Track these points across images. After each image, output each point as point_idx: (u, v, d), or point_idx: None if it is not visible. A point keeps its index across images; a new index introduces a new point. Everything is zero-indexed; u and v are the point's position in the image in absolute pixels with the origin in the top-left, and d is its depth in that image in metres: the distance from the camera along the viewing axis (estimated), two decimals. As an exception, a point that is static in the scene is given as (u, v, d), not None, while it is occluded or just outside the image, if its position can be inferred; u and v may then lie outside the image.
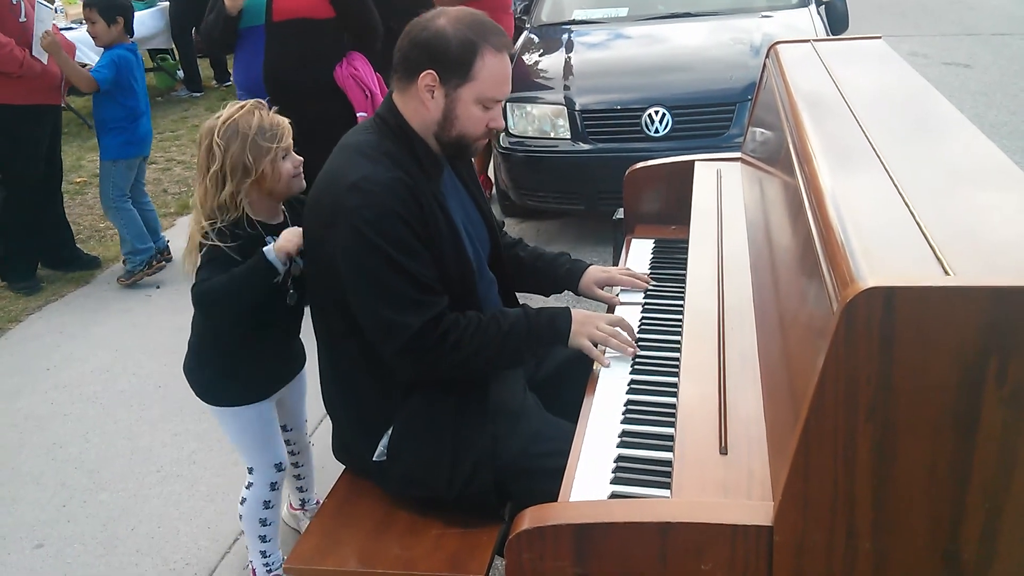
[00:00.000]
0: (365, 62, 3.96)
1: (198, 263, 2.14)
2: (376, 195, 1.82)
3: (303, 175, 2.19)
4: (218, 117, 2.11)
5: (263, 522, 2.43)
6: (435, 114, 1.90)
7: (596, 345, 1.97)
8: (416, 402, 1.97)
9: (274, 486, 2.40)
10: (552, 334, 1.97)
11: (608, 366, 1.93)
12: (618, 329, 1.98)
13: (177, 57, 9.13)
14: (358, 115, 3.90)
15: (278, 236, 2.16)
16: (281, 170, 2.13)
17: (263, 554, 2.47)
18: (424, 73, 1.87)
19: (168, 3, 8.34)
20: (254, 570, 2.51)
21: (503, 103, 1.99)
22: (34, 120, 4.38)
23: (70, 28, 7.43)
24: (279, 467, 2.40)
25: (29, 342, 4.11)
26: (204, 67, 9.34)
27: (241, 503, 2.44)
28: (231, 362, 2.29)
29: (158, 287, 4.56)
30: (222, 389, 2.31)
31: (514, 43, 5.24)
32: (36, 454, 3.26)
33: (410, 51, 1.89)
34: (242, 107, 2.12)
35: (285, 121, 2.16)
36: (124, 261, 4.69)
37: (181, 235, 5.20)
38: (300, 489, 2.72)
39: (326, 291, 1.97)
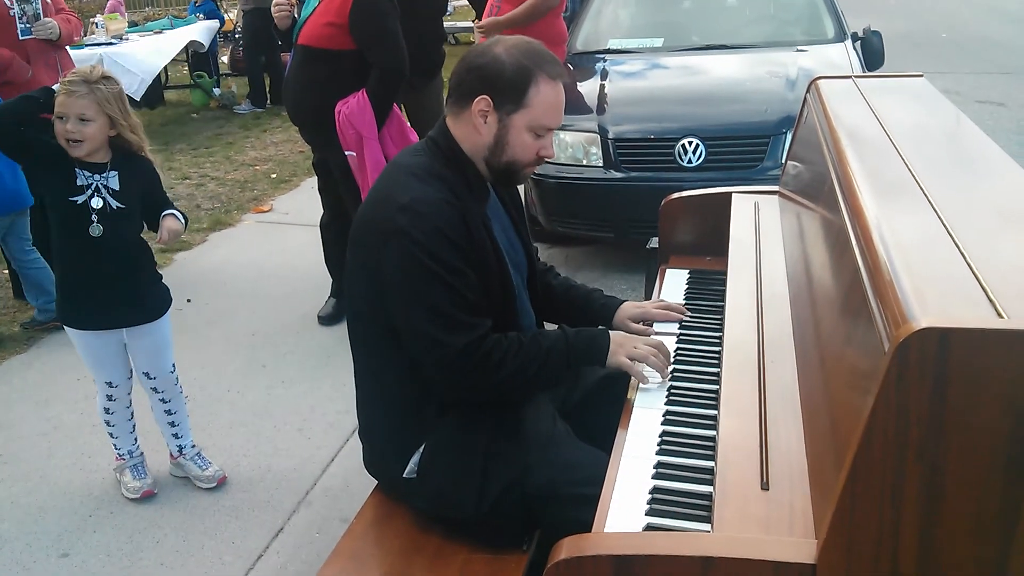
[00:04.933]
0: (362, 103, 3.73)
1: None
2: (426, 216, 1.83)
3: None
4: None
5: (107, 423, 3.02)
6: (487, 139, 1.93)
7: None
8: (450, 422, 1.97)
9: (109, 397, 2.95)
10: (591, 354, 1.97)
11: (647, 382, 1.93)
12: (656, 350, 1.97)
13: (212, 75, 9.30)
14: (346, 153, 3.79)
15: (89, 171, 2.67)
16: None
17: (115, 446, 3.07)
18: (479, 98, 1.89)
19: (212, 22, 8.57)
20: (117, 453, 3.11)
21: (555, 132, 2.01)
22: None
23: (110, 43, 7.56)
24: (109, 385, 2.92)
25: (60, 352, 4.13)
26: (240, 86, 9.48)
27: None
28: (64, 283, 2.80)
29: (189, 300, 4.58)
30: (63, 310, 2.84)
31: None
32: (64, 463, 3.28)
33: (465, 76, 1.92)
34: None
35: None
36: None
37: (212, 250, 5.26)
38: (175, 436, 3.09)
39: (372, 309, 1.96)
